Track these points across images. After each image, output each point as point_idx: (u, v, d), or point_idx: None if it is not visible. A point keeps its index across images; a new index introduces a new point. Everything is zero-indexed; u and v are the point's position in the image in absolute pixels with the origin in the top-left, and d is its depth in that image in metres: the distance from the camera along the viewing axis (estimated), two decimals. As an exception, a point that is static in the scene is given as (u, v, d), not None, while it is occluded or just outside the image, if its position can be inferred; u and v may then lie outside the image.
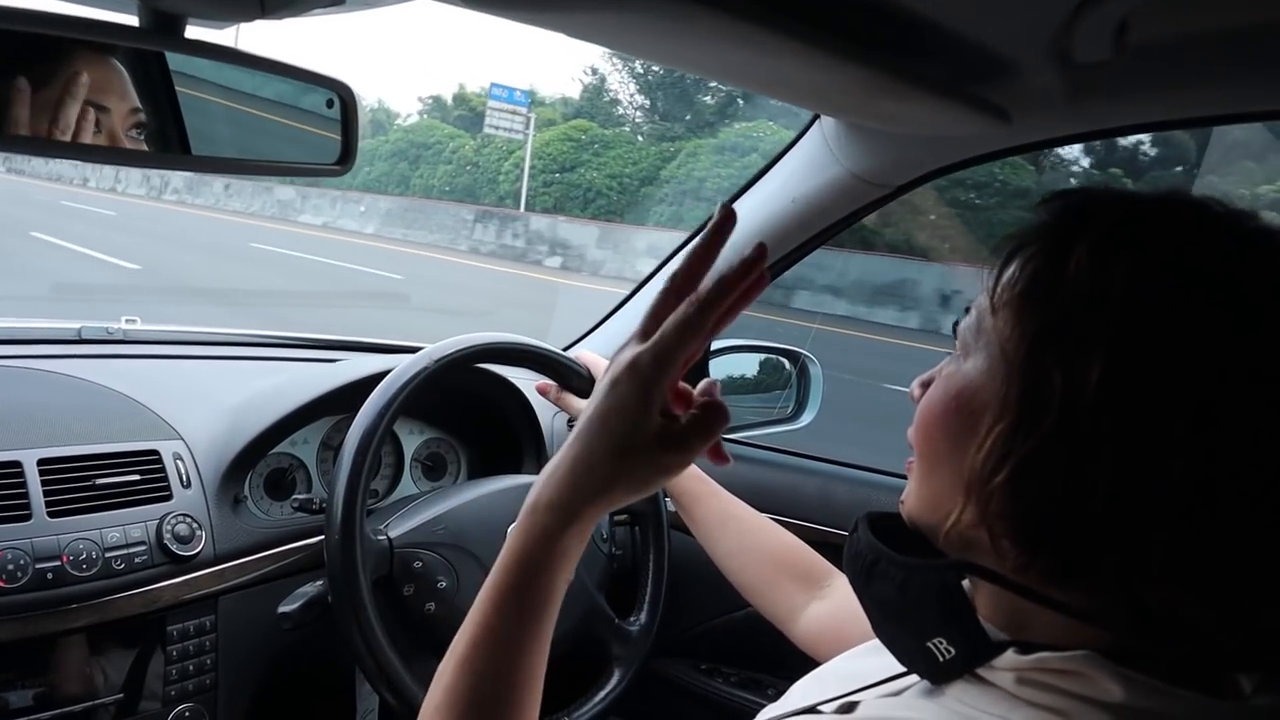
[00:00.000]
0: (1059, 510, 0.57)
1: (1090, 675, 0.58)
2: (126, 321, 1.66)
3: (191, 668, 1.24)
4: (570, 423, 1.74)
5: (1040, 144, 1.20)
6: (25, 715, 1.12)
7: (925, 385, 0.70)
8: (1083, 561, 0.58)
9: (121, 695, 1.19)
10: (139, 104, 0.95)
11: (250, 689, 1.31)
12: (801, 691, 0.86)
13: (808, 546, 1.23)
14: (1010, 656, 0.61)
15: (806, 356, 2.09)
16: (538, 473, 1.60)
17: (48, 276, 10.31)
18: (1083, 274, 0.58)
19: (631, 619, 1.40)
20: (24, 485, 1.15)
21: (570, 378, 1.41)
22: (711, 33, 0.90)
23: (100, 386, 1.38)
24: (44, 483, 1.17)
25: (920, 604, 0.65)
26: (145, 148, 0.94)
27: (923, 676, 0.67)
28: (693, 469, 1.31)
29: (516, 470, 1.67)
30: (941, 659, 0.63)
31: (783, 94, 1.16)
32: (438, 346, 1.28)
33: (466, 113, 29.32)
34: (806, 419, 2.09)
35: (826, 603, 1.16)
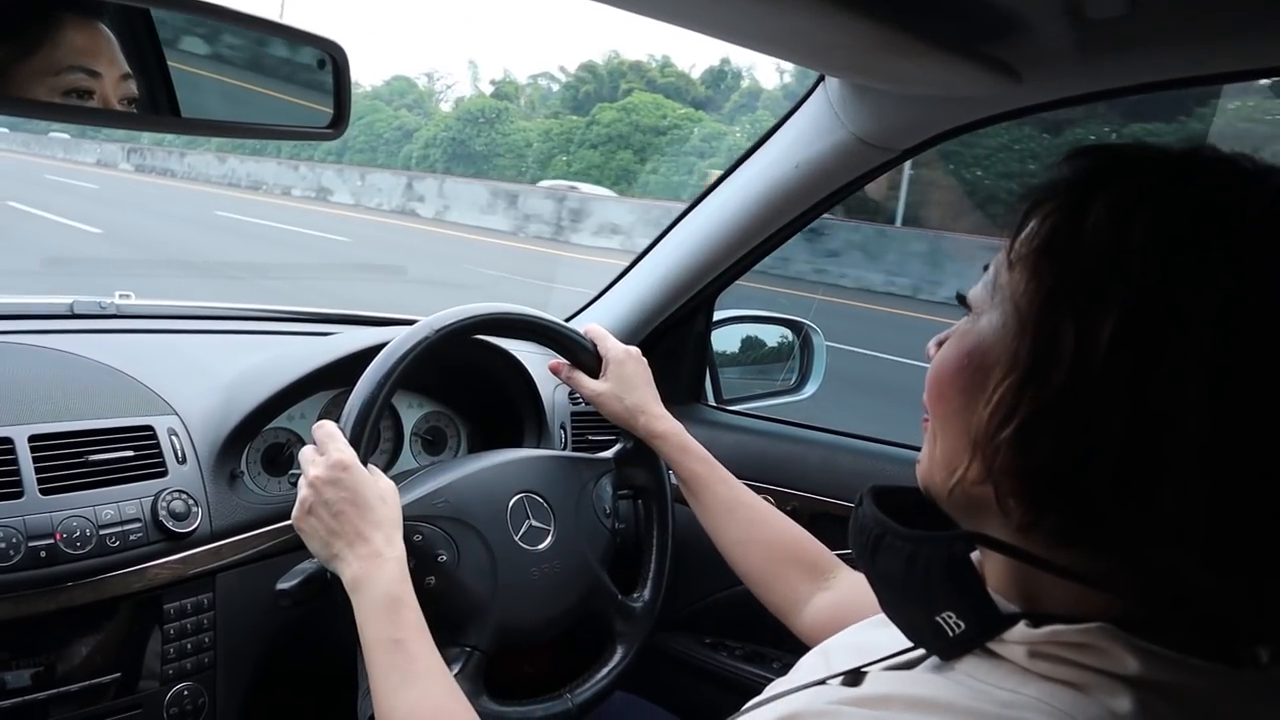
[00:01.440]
0: (1065, 467, 0.56)
1: (1104, 648, 0.57)
2: (120, 296, 1.63)
3: (189, 646, 1.22)
4: (573, 398, 1.72)
5: (1051, 104, 1.17)
6: (22, 695, 1.10)
7: (940, 344, 0.69)
8: (1087, 520, 0.57)
9: (119, 674, 1.17)
10: (129, 70, 0.93)
11: (249, 667, 1.29)
12: (808, 666, 0.85)
13: (813, 538, 1.22)
14: (1021, 629, 0.60)
15: (810, 327, 2.07)
16: (538, 445, 1.60)
17: (22, 242, 11.03)
18: (1101, 230, 0.57)
19: (635, 595, 1.38)
20: (15, 462, 1.13)
21: (576, 351, 1.38)
22: None
23: (93, 362, 1.35)
24: (36, 459, 1.15)
25: (928, 578, 0.63)
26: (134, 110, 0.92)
27: (932, 651, 0.66)
28: (701, 452, 1.31)
29: (518, 443, 1.65)
30: (951, 633, 0.63)
31: (786, 53, 1.13)
32: (436, 317, 1.26)
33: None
34: (810, 390, 2.07)
35: (830, 594, 1.15)
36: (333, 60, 0.91)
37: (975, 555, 0.66)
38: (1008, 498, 0.59)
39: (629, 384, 1.35)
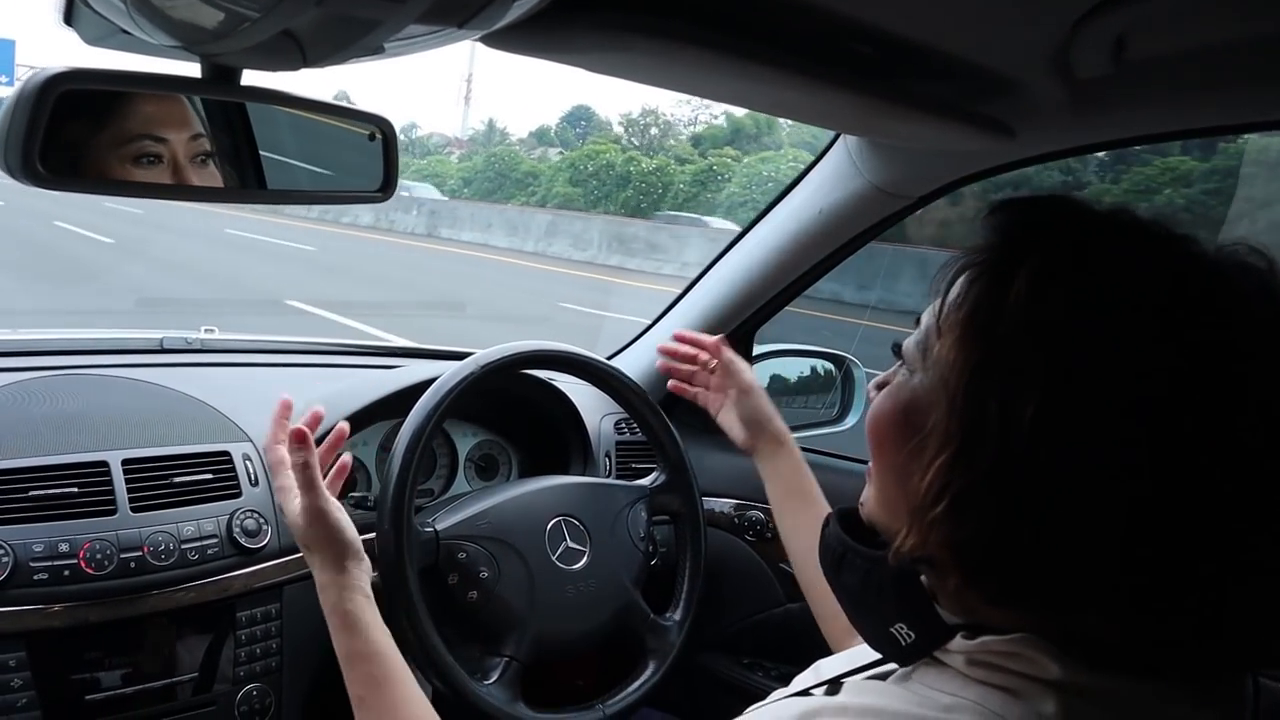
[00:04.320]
0: (994, 542, 0.59)
1: (1030, 656, 0.61)
2: (205, 331, 1.79)
3: (259, 651, 1.35)
4: (619, 427, 1.81)
5: (1045, 156, 1.24)
6: (111, 690, 1.24)
7: (880, 388, 0.74)
8: (1017, 591, 0.61)
9: (196, 675, 1.30)
10: (200, 130, 1.03)
11: (311, 671, 1.41)
12: (801, 677, 0.92)
13: None
14: (960, 641, 0.65)
15: (850, 360, 2.14)
16: (583, 472, 1.70)
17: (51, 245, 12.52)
18: (1021, 304, 0.59)
19: (667, 615, 1.47)
20: (110, 483, 1.28)
21: (618, 387, 1.48)
22: (723, 69, 0.96)
23: (178, 393, 1.50)
24: (128, 481, 1.29)
25: (882, 592, 0.70)
26: (219, 181, 1.03)
27: (889, 659, 0.73)
28: (805, 468, 1.32)
29: (565, 470, 1.76)
30: (903, 643, 0.68)
31: (797, 117, 1.23)
32: (483, 354, 1.37)
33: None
34: (851, 421, 2.13)
35: None
36: (382, 133, 1.04)
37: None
38: (944, 565, 0.63)
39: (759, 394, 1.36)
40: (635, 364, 1.88)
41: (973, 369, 0.60)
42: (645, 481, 1.52)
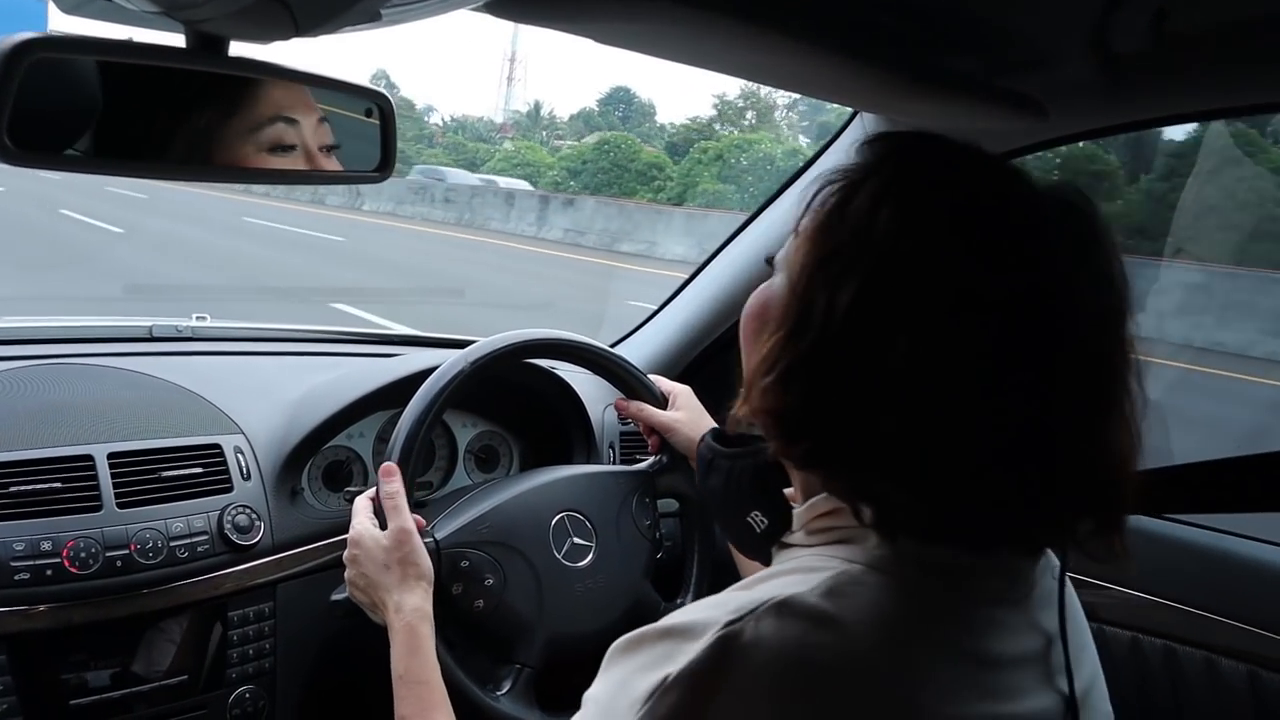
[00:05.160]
0: (807, 410, 0.68)
1: (838, 508, 0.71)
2: (196, 319, 1.73)
3: (251, 651, 1.30)
4: (624, 422, 1.76)
5: (1077, 136, 1.19)
6: (97, 694, 1.19)
7: None
8: (822, 455, 0.69)
9: (186, 676, 1.26)
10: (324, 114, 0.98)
11: (306, 673, 1.36)
12: None
13: None
14: (798, 513, 0.76)
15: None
16: (587, 462, 1.65)
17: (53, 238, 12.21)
18: (860, 212, 0.67)
19: (678, 602, 1.42)
20: (95, 478, 1.22)
21: (617, 372, 1.43)
22: (741, 39, 0.91)
23: (168, 383, 1.45)
24: (114, 475, 1.24)
25: (739, 484, 0.83)
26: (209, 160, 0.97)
27: (748, 549, 0.83)
28: None
29: (568, 461, 1.70)
30: (758, 529, 0.80)
31: (817, 93, 1.17)
32: (482, 343, 1.32)
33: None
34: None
35: None
36: (380, 109, 0.98)
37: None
38: (768, 430, 0.72)
39: (699, 412, 1.39)
40: (640, 351, 1.83)
41: (814, 264, 0.68)
42: (645, 466, 1.46)
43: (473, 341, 1.34)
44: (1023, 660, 0.70)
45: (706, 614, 0.67)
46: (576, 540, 1.33)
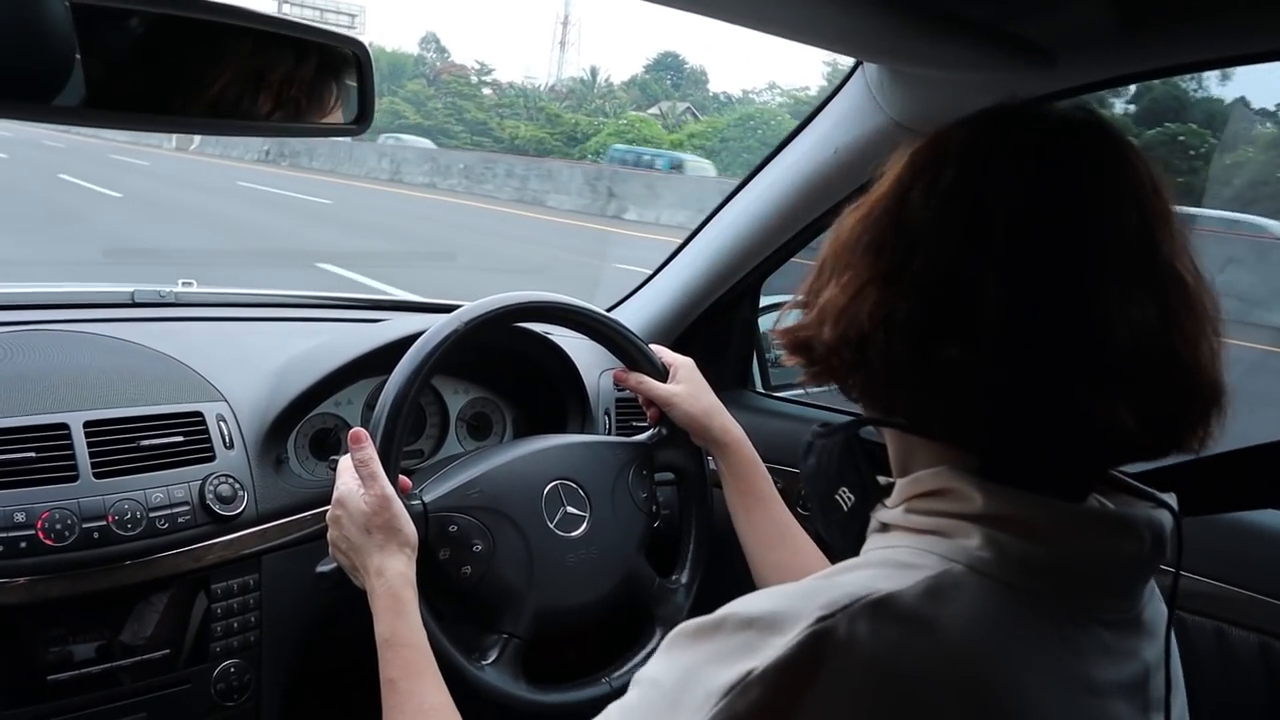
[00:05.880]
0: (911, 361, 0.65)
1: (954, 488, 0.66)
2: (182, 284, 1.69)
3: (236, 625, 1.27)
4: (619, 390, 1.72)
5: (1087, 87, 1.13)
6: (76, 669, 1.15)
7: None
8: (921, 361, 0.65)
9: (168, 651, 1.22)
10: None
11: (293, 646, 1.33)
12: None
13: None
14: (895, 495, 0.72)
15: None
16: (581, 431, 1.61)
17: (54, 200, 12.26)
18: (957, 145, 0.69)
19: (673, 578, 1.39)
20: (71, 447, 1.18)
21: (616, 340, 1.38)
22: None
23: (149, 349, 1.40)
24: (90, 444, 1.20)
25: (829, 461, 0.79)
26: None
27: (834, 531, 0.79)
28: (765, 470, 1.29)
29: (562, 429, 1.66)
30: (845, 507, 0.77)
31: (819, 40, 1.11)
32: (472, 306, 1.27)
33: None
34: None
35: None
36: (356, 58, 0.93)
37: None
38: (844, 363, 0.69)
39: (700, 387, 1.35)
40: (636, 316, 1.79)
41: (904, 189, 0.69)
42: (643, 437, 1.42)
43: (459, 305, 1.29)
44: (1123, 688, 0.66)
45: (792, 604, 0.62)
46: (570, 510, 1.30)
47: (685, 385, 1.34)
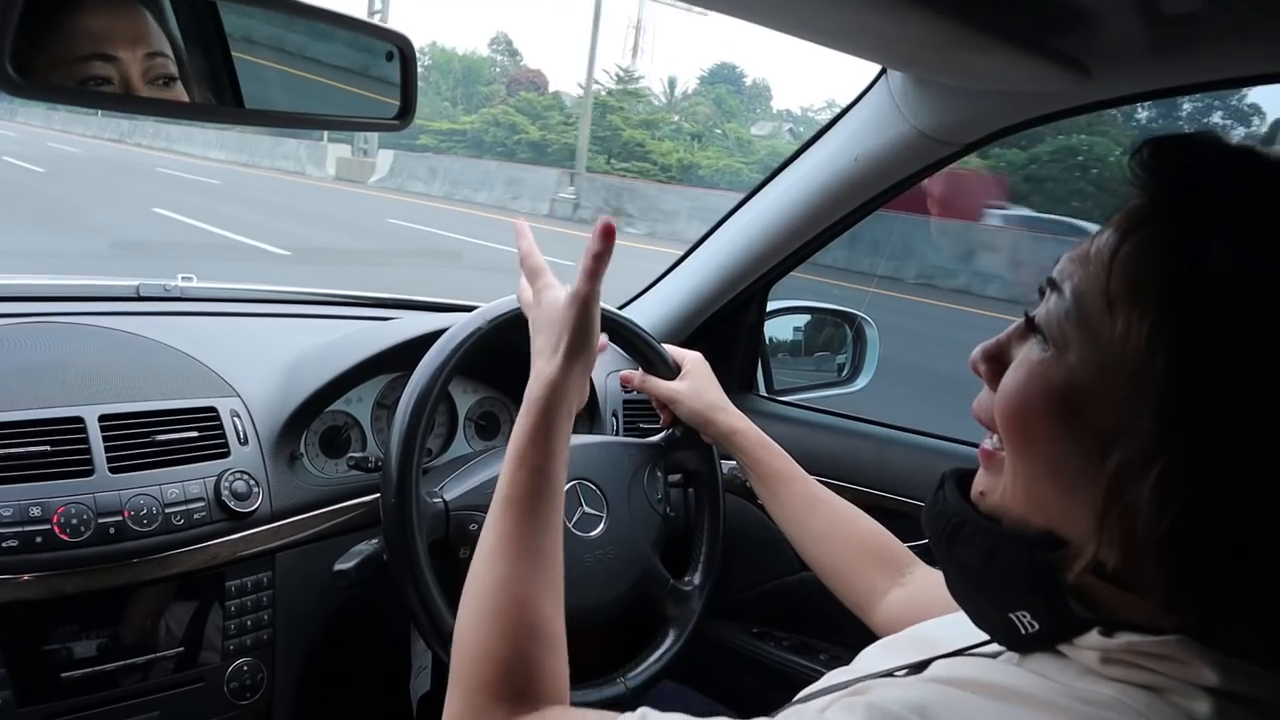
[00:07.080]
0: (1223, 558, 0.53)
1: (1183, 660, 0.56)
2: (183, 279, 1.67)
3: (249, 623, 1.25)
4: (625, 389, 1.71)
5: (1119, 100, 1.15)
6: (89, 666, 1.14)
7: (993, 359, 0.66)
8: (1242, 607, 0.54)
9: (182, 649, 1.21)
10: (159, 48, 0.90)
11: (306, 645, 1.32)
12: (871, 657, 0.84)
13: (890, 533, 1.19)
14: (1095, 636, 0.59)
15: (863, 319, 2.05)
16: (590, 432, 1.60)
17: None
18: (1232, 281, 0.52)
19: (686, 579, 1.39)
20: (86, 441, 1.16)
21: (629, 338, 1.38)
22: None
23: (159, 344, 1.38)
24: (105, 438, 1.18)
25: (1006, 575, 0.63)
26: (184, 98, 0.92)
27: (1003, 645, 0.66)
28: (777, 448, 1.28)
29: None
30: (1024, 631, 0.62)
31: (849, 47, 1.12)
32: (492, 306, 1.26)
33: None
34: (862, 382, 2.05)
35: (906, 589, 1.13)
36: (400, 52, 0.92)
37: None
38: (1149, 580, 0.56)
39: (705, 382, 1.34)
40: (648, 314, 1.79)
41: (1184, 359, 0.53)
42: (658, 438, 1.43)
43: (471, 306, 1.29)
44: None
45: None
46: (588, 510, 1.30)
47: (689, 381, 1.34)
